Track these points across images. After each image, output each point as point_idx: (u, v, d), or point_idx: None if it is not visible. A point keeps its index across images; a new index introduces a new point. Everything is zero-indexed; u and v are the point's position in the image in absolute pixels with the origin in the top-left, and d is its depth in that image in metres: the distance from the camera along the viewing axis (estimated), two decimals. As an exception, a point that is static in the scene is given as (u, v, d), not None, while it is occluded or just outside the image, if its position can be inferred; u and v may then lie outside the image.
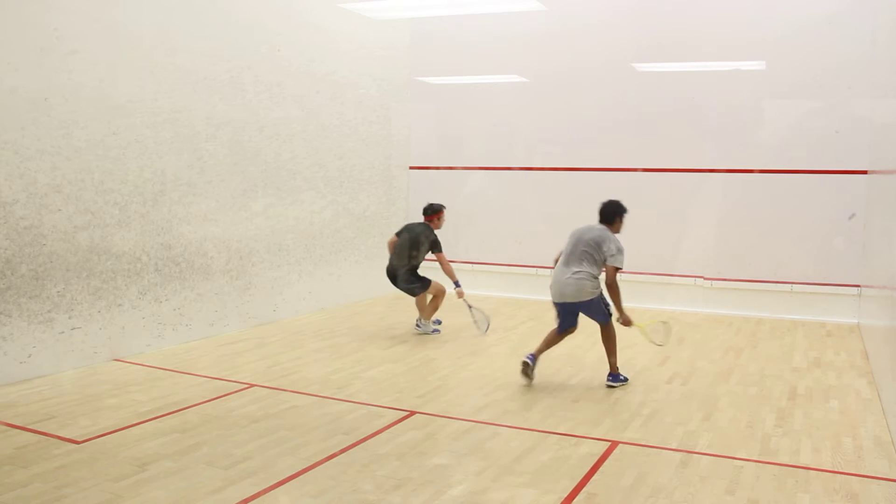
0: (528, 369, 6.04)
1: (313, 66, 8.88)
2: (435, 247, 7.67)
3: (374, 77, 10.06)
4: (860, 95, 8.61)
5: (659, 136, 9.61)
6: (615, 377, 6.12)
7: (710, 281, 9.44)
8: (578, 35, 9.83)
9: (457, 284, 7.61)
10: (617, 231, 6.15)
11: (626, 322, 6.04)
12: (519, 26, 9.88)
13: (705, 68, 9.22)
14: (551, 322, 8.65)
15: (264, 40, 8.17)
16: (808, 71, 8.86)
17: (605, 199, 6.20)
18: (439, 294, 7.82)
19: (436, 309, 7.90)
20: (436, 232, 7.79)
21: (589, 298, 5.98)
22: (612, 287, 5.91)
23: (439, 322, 8.12)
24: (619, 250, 5.96)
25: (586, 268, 5.95)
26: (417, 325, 8.02)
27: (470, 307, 7.73)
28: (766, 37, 8.95)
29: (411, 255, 7.65)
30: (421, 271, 7.89)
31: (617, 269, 5.93)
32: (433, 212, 7.86)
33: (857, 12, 8.60)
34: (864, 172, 8.64)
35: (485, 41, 10.23)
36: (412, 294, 7.81)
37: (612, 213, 6.12)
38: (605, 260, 5.95)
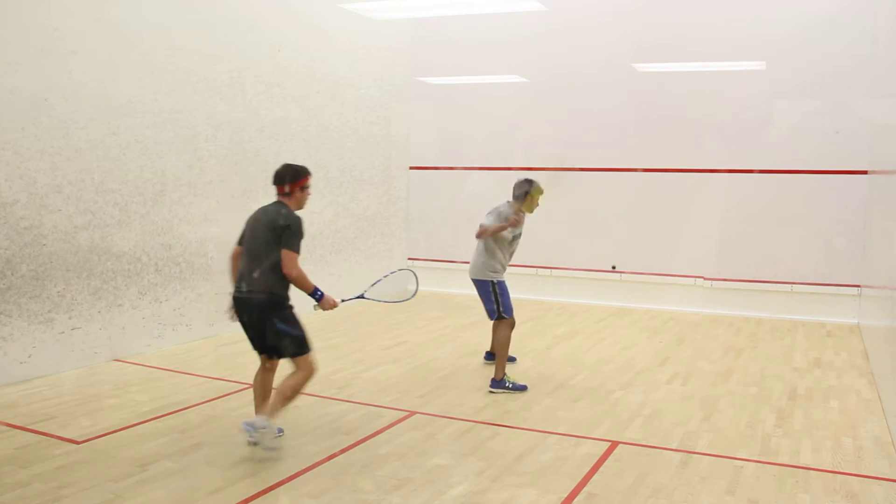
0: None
1: (313, 66, 8.88)
2: (285, 239, 4.36)
3: (375, 77, 10.06)
4: (860, 95, 8.61)
5: (659, 136, 9.61)
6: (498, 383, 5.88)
7: (710, 281, 9.43)
8: (579, 35, 9.82)
9: (317, 294, 4.57)
10: None
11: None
12: (519, 26, 9.87)
13: (706, 69, 9.21)
14: (551, 322, 8.68)
15: (265, 41, 8.17)
16: (808, 71, 8.86)
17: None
18: (307, 371, 4.47)
19: (295, 395, 4.46)
20: (297, 214, 4.49)
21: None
22: None
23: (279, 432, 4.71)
24: None
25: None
26: (253, 436, 4.34)
27: (362, 295, 5.03)
28: (766, 37, 8.95)
29: (261, 263, 4.41)
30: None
31: None
32: (291, 179, 4.58)
33: (857, 12, 8.60)
34: (864, 172, 8.64)
35: (485, 41, 10.23)
36: (275, 354, 4.60)
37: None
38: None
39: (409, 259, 11.00)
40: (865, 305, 8.16)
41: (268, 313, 4.43)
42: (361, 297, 4.96)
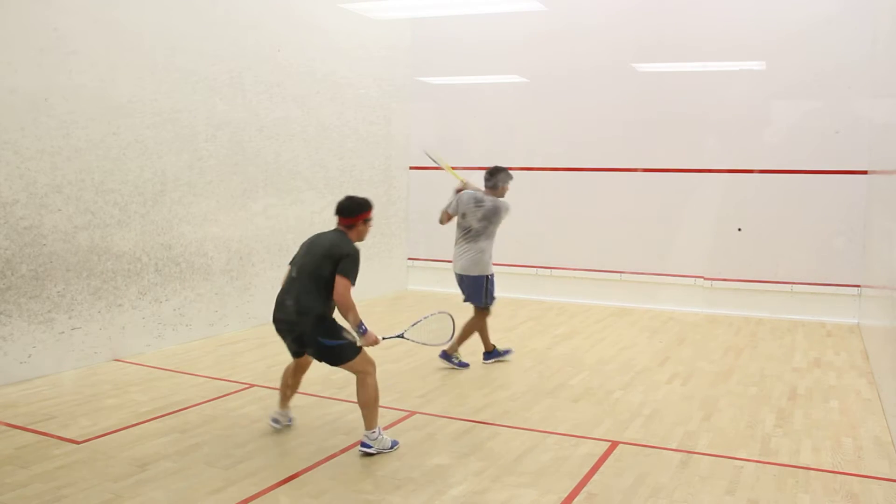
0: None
1: (313, 66, 8.88)
2: (342, 267, 4.49)
3: (375, 77, 10.05)
4: (860, 95, 8.60)
5: (659, 136, 9.61)
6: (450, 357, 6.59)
7: (710, 281, 9.43)
8: (579, 35, 9.82)
9: (360, 329, 4.58)
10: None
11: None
12: (519, 26, 9.87)
13: (705, 69, 9.21)
14: (552, 322, 8.68)
15: (265, 41, 8.17)
16: (808, 71, 8.86)
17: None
18: (369, 370, 4.60)
19: (377, 396, 4.59)
20: (356, 246, 4.63)
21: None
22: None
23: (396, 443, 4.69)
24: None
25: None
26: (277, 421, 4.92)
27: (402, 335, 5.02)
28: (766, 37, 8.95)
29: (308, 286, 4.56)
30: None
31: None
32: (354, 212, 4.71)
33: (857, 12, 8.59)
34: (864, 172, 8.64)
35: (485, 41, 10.23)
36: (317, 358, 4.62)
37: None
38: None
39: (410, 259, 11.01)
40: (865, 305, 8.16)
41: (312, 334, 4.52)
42: (401, 336, 5.02)
